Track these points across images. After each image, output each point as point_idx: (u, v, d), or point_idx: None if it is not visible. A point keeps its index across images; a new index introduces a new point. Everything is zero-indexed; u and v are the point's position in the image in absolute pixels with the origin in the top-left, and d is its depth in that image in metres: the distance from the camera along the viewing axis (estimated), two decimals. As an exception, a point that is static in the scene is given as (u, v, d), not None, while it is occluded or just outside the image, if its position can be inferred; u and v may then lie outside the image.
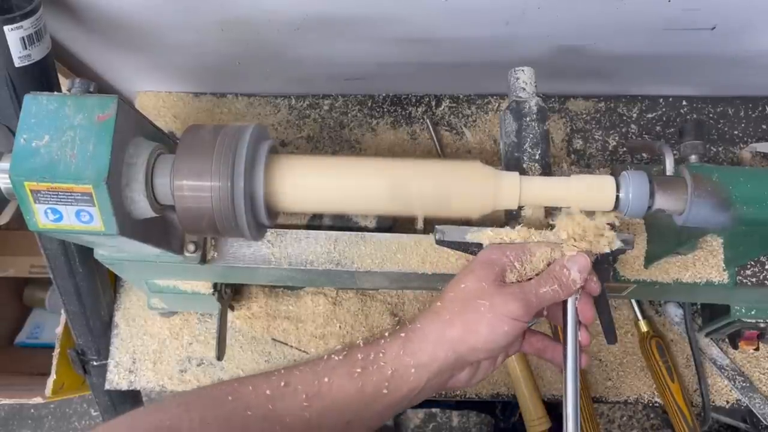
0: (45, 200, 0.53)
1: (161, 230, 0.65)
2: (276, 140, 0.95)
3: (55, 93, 0.55)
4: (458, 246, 0.61)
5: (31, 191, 0.52)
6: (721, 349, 0.92)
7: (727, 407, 0.91)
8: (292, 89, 1.01)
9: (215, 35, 0.80)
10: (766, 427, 0.91)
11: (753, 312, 0.77)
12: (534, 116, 0.64)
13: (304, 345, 0.94)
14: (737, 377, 0.90)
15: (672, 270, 0.71)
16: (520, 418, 0.94)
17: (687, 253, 0.70)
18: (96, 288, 0.90)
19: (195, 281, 0.80)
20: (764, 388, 0.90)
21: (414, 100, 1.01)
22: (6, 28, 0.64)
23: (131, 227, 0.57)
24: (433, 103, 1.01)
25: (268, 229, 0.69)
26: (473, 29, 0.79)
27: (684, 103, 0.99)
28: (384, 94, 1.01)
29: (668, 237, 0.67)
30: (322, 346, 0.94)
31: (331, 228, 0.74)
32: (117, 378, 0.95)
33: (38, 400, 1.11)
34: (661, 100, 0.99)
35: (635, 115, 0.99)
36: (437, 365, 0.55)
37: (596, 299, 0.61)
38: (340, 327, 0.94)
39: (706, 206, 0.57)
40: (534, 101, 0.64)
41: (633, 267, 0.71)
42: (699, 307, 0.92)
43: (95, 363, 0.96)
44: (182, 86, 1.01)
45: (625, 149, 0.97)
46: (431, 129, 0.99)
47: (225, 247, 0.72)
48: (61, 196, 0.53)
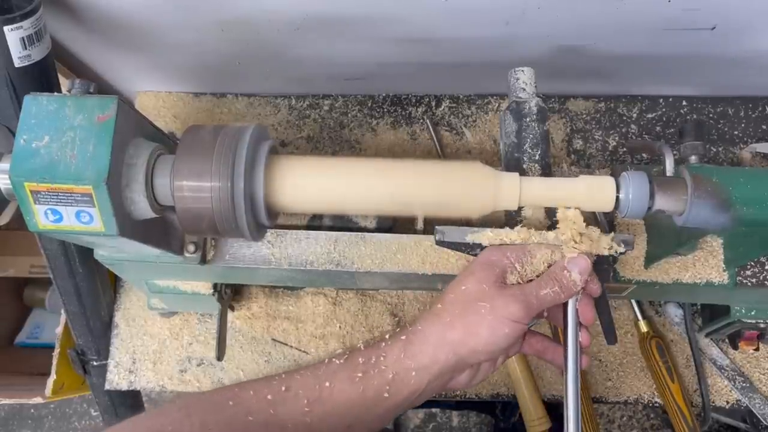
0: (45, 201, 0.53)
1: (161, 231, 0.65)
2: (276, 140, 0.95)
3: (55, 93, 0.55)
4: (458, 246, 0.61)
5: (31, 192, 0.52)
6: (721, 350, 0.92)
7: (727, 407, 0.91)
8: (292, 89, 1.01)
9: (215, 35, 0.80)
10: (766, 428, 0.91)
11: (753, 312, 0.77)
12: (534, 116, 0.64)
13: (304, 345, 0.94)
14: (737, 377, 0.90)
15: (672, 270, 0.71)
16: (520, 418, 0.94)
17: (687, 254, 0.70)
18: (96, 288, 0.90)
19: (195, 281, 0.80)
20: (764, 389, 0.90)
21: (414, 100, 1.01)
22: (6, 28, 0.64)
23: (131, 228, 0.57)
24: (433, 103, 1.01)
25: (268, 230, 0.69)
26: (473, 29, 0.79)
27: (684, 103, 0.99)
28: (384, 94, 1.01)
29: (668, 237, 0.67)
30: (322, 347, 0.94)
31: (331, 228, 0.74)
32: (117, 378, 0.95)
33: (38, 400, 1.11)
34: (661, 100, 0.99)
35: (635, 115, 0.99)
36: (438, 368, 0.55)
37: (596, 300, 0.61)
38: (340, 327, 0.94)
39: (706, 207, 0.56)
40: (534, 101, 0.64)
41: (633, 267, 0.71)
42: (699, 308, 0.92)
43: (95, 363, 0.96)
44: (182, 86, 1.01)
45: (625, 149, 0.97)
46: (431, 129, 0.99)
47: (225, 248, 0.72)
48: (61, 197, 0.53)
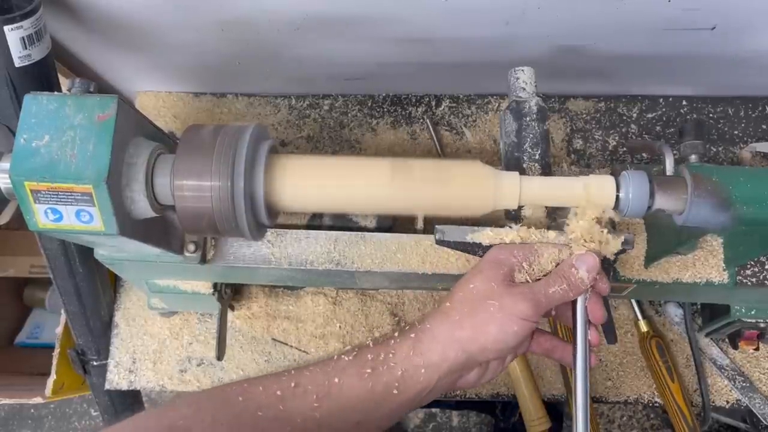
0: (45, 200, 0.53)
1: (161, 230, 0.65)
2: (276, 140, 0.95)
3: (55, 93, 0.55)
4: (458, 246, 0.61)
5: (31, 191, 0.52)
6: (721, 349, 0.92)
7: (727, 407, 0.91)
8: (292, 89, 1.01)
9: (215, 35, 0.80)
10: (766, 427, 0.91)
11: (753, 312, 0.77)
12: (534, 116, 0.64)
13: (304, 345, 0.94)
14: (737, 377, 0.90)
15: (672, 270, 0.71)
16: (520, 418, 0.94)
17: (687, 253, 0.70)
18: (96, 288, 0.90)
19: (195, 281, 0.80)
20: (764, 388, 0.90)
21: (414, 100, 1.01)
22: (6, 28, 0.64)
23: (131, 227, 0.57)
24: (433, 103, 1.01)
25: (268, 229, 0.69)
26: (473, 29, 0.79)
27: (684, 103, 0.99)
28: (384, 94, 1.01)
29: (668, 237, 0.67)
30: (322, 346, 0.94)
31: (331, 228, 0.74)
32: (117, 378, 0.95)
33: (38, 400, 1.11)
34: (661, 100, 0.99)
35: (635, 115, 0.99)
36: (447, 365, 0.55)
37: (596, 299, 0.61)
38: (340, 327, 0.94)
39: (706, 206, 0.56)
40: (534, 101, 0.64)
41: (633, 267, 0.71)
42: (699, 307, 0.92)
43: (95, 363, 0.96)
44: (182, 86, 1.01)
45: (625, 149, 0.97)
46: (431, 129, 0.99)
47: (225, 247, 0.72)
48: (61, 196, 0.53)
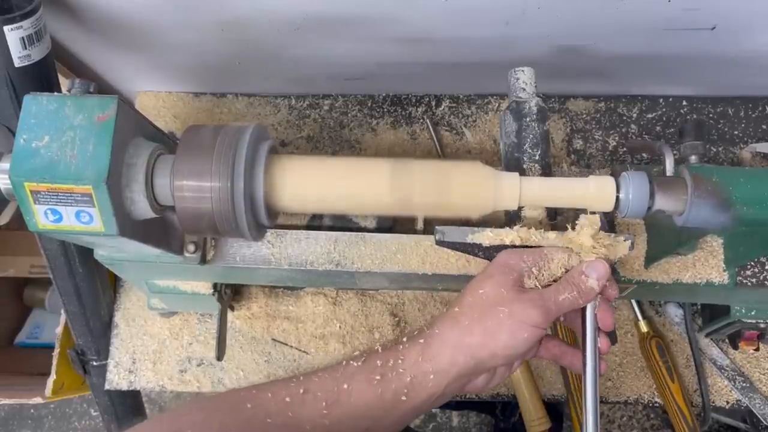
0: (45, 201, 0.53)
1: (161, 231, 0.65)
2: (276, 140, 0.95)
3: (55, 93, 0.55)
4: (458, 246, 0.61)
5: (31, 192, 0.52)
6: (721, 350, 0.92)
7: (727, 407, 0.91)
8: (292, 89, 1.01)
9: (215, 35, 0.80)
10: (766, 428, 0.91)
11: (753, 312, 0.77)
12: (534, 116, 0.64)
13: (304, 345, 0.94)
14: (737, 377, 0.90)
15: (672, 270, 0.71)
16: (520, 418, 0.94)
17: (687, 254, 0.70)
18: (96, 288, 0.90)
19: (195, 281, 0.80)
20: (764, 389, 0.90)
21: (414, 100, 1.01)
22: (6, 28, 0.64)
23: (131, 228, 0.57)
24: (433, 103, 1.01)
25: (268, 230, 0.69)
26: (473, 29, 0.79)
27: (684, 103, 0.99)
28: (384, 94, 1.01)
29: (668, 237, 0.67)
30: (322, 347, 0.94)
31: (331, 228, 0.74)
32: (117, 378, 0.95)
33: (38, 400, 1.11)
34: (661, 100, 0.99)
35: (635, 115, 0.99)
36: (456, 371, 0.55)
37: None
38: (340, 327, 0.94)
39: (707, 207, 0.56)
40: (534, 101, 0.64)
41: (633, 267, 0.71)
42: (699, 308, 0.92)
43: (95, 363, 0.96)
44: (182, 86, 1.01)
45: (625, 149, 0.97)
46: (431, 129, 0.99)
47: (225, 248, 0.72)
48: (61, 197, 0.53)
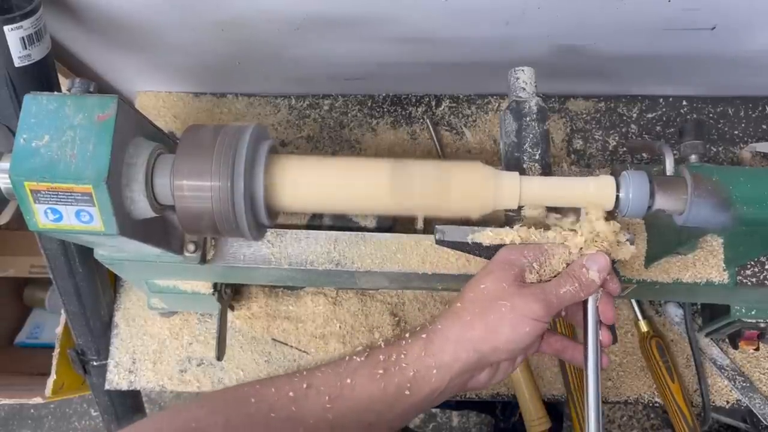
0: (45, 200, 0.53)
1: (161, 230, 0.65)
2: (276, 140, 0.95)
3: (55, 93, 0.55)
4: (458, 246, 0.61)
5: (31, 191, 0.52)
6: (721, 349, 0.92)
7: (727, 407, 0.91)
8: (292, 89, 1.01)
9: (215, 35, 0.80)
10: (766, 427, 0.91)
11: (753, 312, 0.77)
12: (534, 116, 0.64)
13: (304, 345, 0.94)
14: (737, 377, 0.90)
15: (672, 270, 0.71)
16: (520, 418, 0.94)
17: (687, 253, 0.70)
18: (96, 288, 0.90)
19: (195, 281, 0.80)
20: (764, 388, 0.90)
21: (414, 100, 1.01)
22: (6, 28, 0.64)
23: (131, 227, 0.57)
24: (433, 103, 1.01)
25: (268, 229, 0.69)
26: (473, 29, 0.79)
27: (684, 103, 0.99)
28: (384, 94, 1.01)
29: (668, 237, 0.67)
30: (322, 347, 0.94)
31: (331, 228, 0.74)
32: (117, 378, 0.95)
33: (38, 400, 1.11)
34: (661, 100, 0.99)
35: (635, 115, 0.99)
36: (459, 365, 0.55)
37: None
38: (340, 327, 0.94)
39: (707, 206, 0.56)
40: (534, 101, 0.64)
41: (633, 267, 0.71)
42: (699, 307, 0.92)
43: (95, 363, 0.96)
44: (182, 86, 1.01)
45: (625, 149, 0.97)
46: (431, 129, 0.99)
47: (225, 247, 0.72)
48: (61, 196, 0.53)
